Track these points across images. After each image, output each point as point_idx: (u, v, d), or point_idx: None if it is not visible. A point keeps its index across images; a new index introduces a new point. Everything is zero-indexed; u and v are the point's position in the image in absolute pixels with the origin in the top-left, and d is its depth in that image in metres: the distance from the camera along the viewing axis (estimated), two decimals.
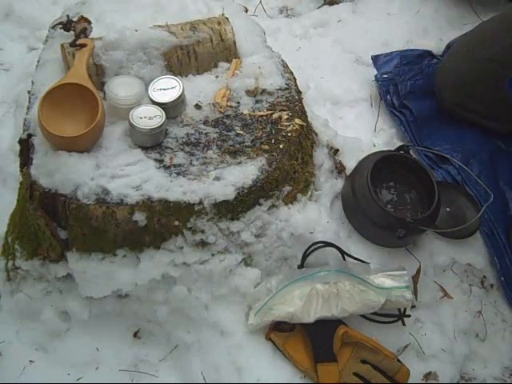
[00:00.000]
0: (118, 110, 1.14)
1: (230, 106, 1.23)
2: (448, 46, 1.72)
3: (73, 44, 1.15)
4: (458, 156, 1.49)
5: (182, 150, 1.14)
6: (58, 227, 1.11)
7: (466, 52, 1.53)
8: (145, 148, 1.12)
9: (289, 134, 1.18)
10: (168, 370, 1.20)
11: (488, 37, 1.50)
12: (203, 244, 1.13)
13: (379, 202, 1.23)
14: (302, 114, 1.25)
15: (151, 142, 1.13)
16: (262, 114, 1.22)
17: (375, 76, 1.66)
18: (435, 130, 1.58)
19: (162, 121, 1.11)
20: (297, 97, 1.26)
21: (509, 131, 1.55)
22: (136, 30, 1.18)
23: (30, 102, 1.16)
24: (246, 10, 1.47)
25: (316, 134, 1.35)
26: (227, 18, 1.28)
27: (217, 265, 1.14)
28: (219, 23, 1.26)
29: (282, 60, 1.33)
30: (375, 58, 1.73)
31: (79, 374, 1.18)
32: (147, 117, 1.10)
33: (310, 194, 1.27)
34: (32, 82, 1.20)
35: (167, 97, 1.15)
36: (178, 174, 1.10)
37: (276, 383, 1.14)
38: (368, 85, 1.68)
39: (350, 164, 1.37)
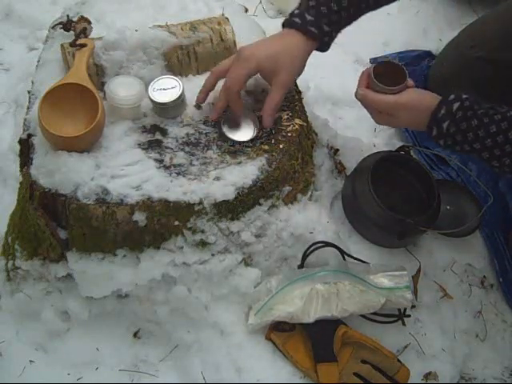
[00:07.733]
0: (118, 110, 1.14)
1: None
2: None
3: (73, 44, 1.15)
4: (458, 157, 1.49)
5: (182, 149, 1.14)
6: (58, 227, 1.11)
7: (460, 51, 1.52)
8: (145, 149, 1.12)
9: (289, 134, 1.18)
10: (168, 370, 1.19)
11: (479, 36, 1.49)
12: (203, 244, 1.13)
13: (379, 202, 1.23)
14: (302, 114, 1.24)
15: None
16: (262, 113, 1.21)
17: None
18: None
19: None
20: (297, 97, 1.26)
21: None
22: (136, 30, 1.17)
23: (29, 101, 1.16)
24: (246, 10, 1.47)
25: (316, 134, 1.35)
26: (227, 18, 1.27)
27: (217, 265, 1.14)
28: (219, 23, 1.25)
29: None
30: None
31: (79, 374, 1.18)
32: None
33: (310, 193, 1.27)
34: (32, 82, 1.19)
35: (167, 97, 1.14)
36: (178, 174, 1.10)
37: (276, 383, 1.14)
38: None
39: (350, 164, 1.37)
